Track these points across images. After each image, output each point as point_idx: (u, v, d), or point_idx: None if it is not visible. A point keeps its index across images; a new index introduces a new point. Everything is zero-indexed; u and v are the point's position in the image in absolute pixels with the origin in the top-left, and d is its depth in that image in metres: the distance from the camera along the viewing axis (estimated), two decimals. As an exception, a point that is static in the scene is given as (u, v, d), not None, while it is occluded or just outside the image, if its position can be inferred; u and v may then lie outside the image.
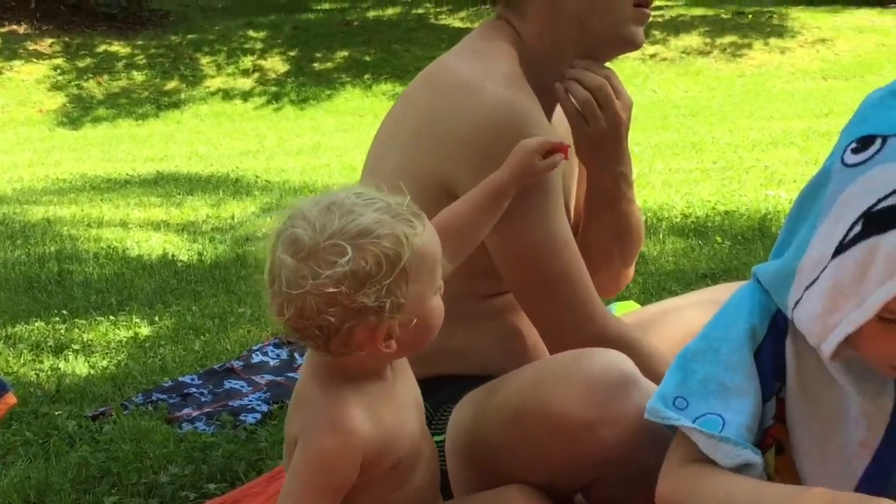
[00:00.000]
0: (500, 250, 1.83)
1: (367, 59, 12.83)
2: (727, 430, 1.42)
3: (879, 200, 1.30)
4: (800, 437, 1.48)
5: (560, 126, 2.02)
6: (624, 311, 2.67)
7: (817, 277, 1.36)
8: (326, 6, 15.54)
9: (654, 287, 3.66)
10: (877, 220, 1.29)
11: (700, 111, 10.00)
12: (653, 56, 12.30)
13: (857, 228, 1.31)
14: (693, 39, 12.79)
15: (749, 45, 12.56)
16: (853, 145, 1.36)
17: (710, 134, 8.06)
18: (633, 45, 1.92)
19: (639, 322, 2.19)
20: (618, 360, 1.67)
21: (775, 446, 1.49)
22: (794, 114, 9.23)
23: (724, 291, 2.11)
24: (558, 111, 2.00)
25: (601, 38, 1.89)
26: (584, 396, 1.63)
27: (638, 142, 7.85)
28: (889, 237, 1.28)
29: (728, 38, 12.78)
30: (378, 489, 1.56)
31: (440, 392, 1.89)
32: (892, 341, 1.34)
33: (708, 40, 12.74)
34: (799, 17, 13.32)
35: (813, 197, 1.40)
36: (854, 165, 1.34)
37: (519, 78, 1.82)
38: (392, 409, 1.55)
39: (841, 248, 1.33)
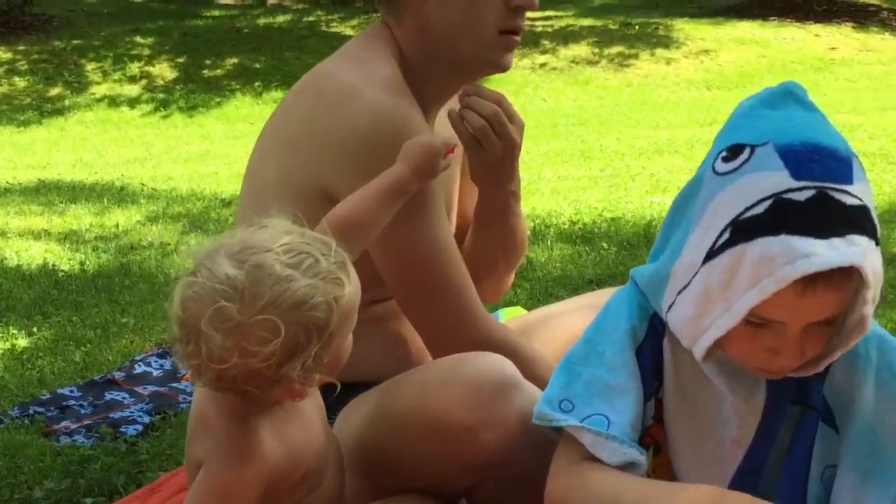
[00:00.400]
0: (382, 254, 1.82)
1: (258, 66, 12.69)
2: (613, 429, 1.44)
3: (747, 209, 1.33)
4: (676, 437, 1.51)
5: (442, 131, 2.02)
6: (510, 317, 2.69)
7: (689, 282, 1.39)
8: (216, 13, 15.34)
9: (542, 293, 3.68)
10: (744, 229, 1.32)
11: (588, 120, 10.14)
12: (542, 66, 12.44)
13: (726, 236, 1.34)
14: (582, 49, 12.97)
15: (636, 56, 12.78)
16: (723, 154, 1.39)
17: (598, 142, 8.17)
18: (499, 70, 1.93)
19: (523, 327, 2.21)
20: (499, 364, 1.68)
21: (653, 447, 1.52)
22: (678, 123, 9.42)
23: (604, 296, 2.14)
24: (441, 116, 2.00)
25: (467, 58, 1.89)
26: (466, 400, 1.64)
27: (528, 150, 7.92)
28: (754, 245, 1.31)
29: (616, 49, 12.99)
30: (286, 501, 1.54)
31: (325, 399, 1.87)
32: (759, 344, 1.38)
33: (596, 50, 12.93)
34: (683, 28, 13.61)
35: (686, 203, 1.43)
36: (724, 174, 1.37)
37: (399, 83, 1.82)
38: (299, 423, 1.53)
39: (711, 255, 1.35)
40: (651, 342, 1.49)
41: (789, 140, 1.35)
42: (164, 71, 12.61)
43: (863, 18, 14.09)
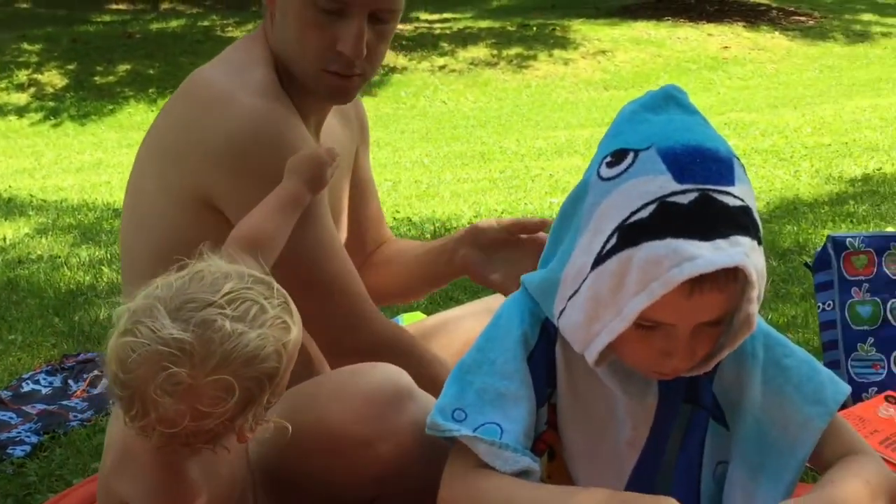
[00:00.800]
0: None
1: (151, 72, 12.47)
2: (506, 438, 1.44)
3: (632, 213, 1.34)
4: (572, 441, 1.51)
5: (332, 135, 1.98)
6: (410, 322, 2.67)
7: (579, 288, 1.39)
8: (107, 18, 15.02)
9: (442, 297, 3.66)
10: (630, 233, 1.33)
11: (488, 121, 10.17)
12: (442, 68, 12.45)
13: (613, 241, 1.34)
14: (480, 51, 13.02)
15: (534, 57, 12.88)
16: (608, 159, 1.40)
17: (497, 144, 8.20)
18: (335, 103, 1.91)
19: (421, 332, 2.20)
20: (393, 375, 1.67)
21: (547, 452, 1.52)
22: (577, 123, 9.51)
23: (500, 300, 2.14)
24: (332, 122, 1.97)
25: (303, 79, 1.84)
26: (360, 412, 1.62)
27: (427, 153, 7.91)
28: (641, 249, 1.32)
29: (514, 50, 13.07)
30: None
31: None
32: (649, 346, 1.39)
33: (495, 52, 12.99)
34: (580, 29, 13.76)
35: (573, 209, 1.43)
36: (609, 179, 1.38)
37: (274, 87, 1.79)
38: (224, 458, 1.48)
39: (599, 260, 1.36)
40: (543, 348, 1.50)
41: (671, 143, 1.36)
42: (53, 78, 12.30)
43: (753, 18, 14.42)
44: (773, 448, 1.47)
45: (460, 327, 2.18)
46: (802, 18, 14.68)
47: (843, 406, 1.86)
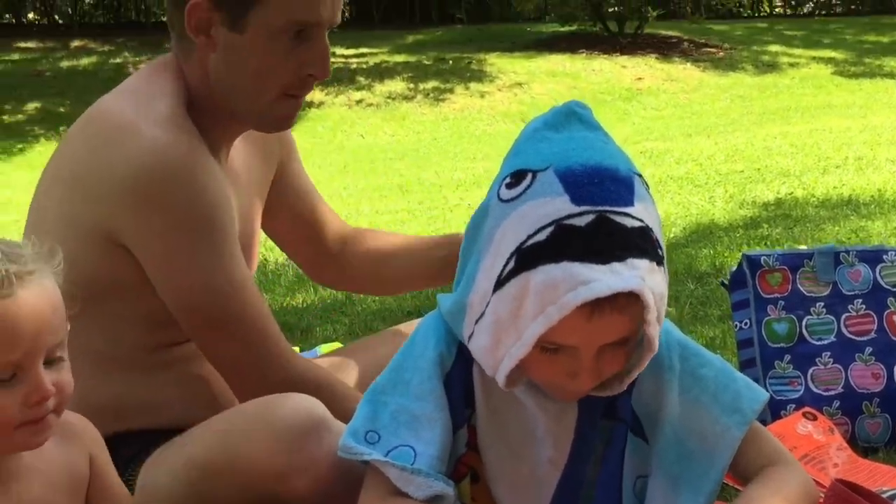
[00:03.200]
0: (173, 296, 1.75)
1: (62, 110, 12.24)
2: (419, 462, 1.40)
3: (529, 237, 1.32)
4: (493, 463, 1.48)
5: (238, 161, 1.94)
6: (326, 351, 2.63)
7: (483, 312, 1.37)
8: (15, 56, 14.74)
9: (361, 327, 3.61)
10: (527, 256, 1.32)
11: (406, 154, 10.17)
12: (359, 102, 12.44)
13: (511, 264, 1.33)
14: (397, 85, 13.05)
15: (451, 90, 12.94)
16: (507, 180, 1.38)
17: (416, 176, 8.19)
18: (274, 128, 1.88)
19: (335, 362, 2.18)
20: (306, 405, 1.62)
21: (470, 474, 1.49)
22: (496, 154, 9.52)
23: (412, 326, 2.11)
24: (238, 147, 1.93)
25: (245, 113, 1.82)
26: (273, 445, 1.57)
27: (346, 186, 7.88)
28: (537, 273, 1.30)
29: (431, 84, 13.12)
30: None
31: (126, 449, 1.77)
32: (557, 368, 1.37)
33: (411, 86, 13.03)
34: (496, 62, 13.87)
35: (476, 231, 1.41)
36: (508, 201, 1.36)
37: (179, 117, 1.74)
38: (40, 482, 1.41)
39: (499, 284, 1.34)
40: (460, 369, 1.47)
41: (569, 164, 1.34)
42: (-40, 117, 12.03)
43: (666, 50, 14.68)
44: (692, 459, 1.45)
45: (373, 352, 2.14)
46: (713, 50, 14.98)
47: (763, 422, 1.86)
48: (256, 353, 1.77)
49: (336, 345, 3.11)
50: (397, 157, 9.97)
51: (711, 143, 8.42)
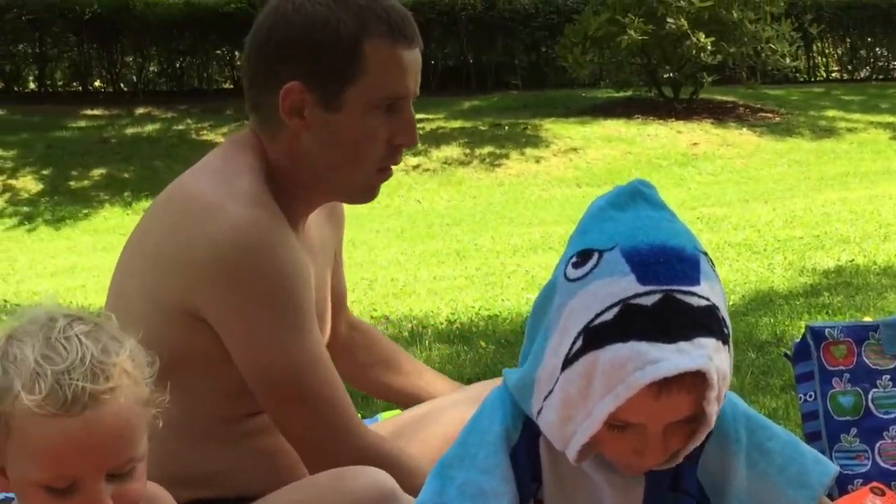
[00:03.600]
0: (251, 370, 1.78)
1: (127, 176, 12.51)
2: None
3: (597, 315, 1.33)
4: (560, 536, 1.48)
5: (313, 231, 1.98)
6: (388, 417, 2.63)
7: (552, 389, 1.39)
8: (82, 123, 15.11)
9: (421, 394, 3.62)
10: (595, 336, 1.33)
11: (463, 219, 10.23)
12: (416, 167, 12.56)
13: (579, 343, 1.34)
14: (453, 150, 13.16)
15: (506, 155, 13.02)
16: (574, 259, 1.40)
17: (473, 241, 8.23)
18: (367, 201, 1.94)
19: (400, 428, 2.18)
20: (377, 478, 1.66)
21: (537, 548, 1.49)
22: (551, 219, 9.57)
23: (481, 388, 2.13)
24: (313, 218, 1.97)
25: (338, 187, 1.89)
26: None
27: (403, 251, 7.93)
28: (605, 352, 1.32)
29: (486, 149, 13.22)
30: None
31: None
32: (624, 445, 1.38)
33: (467, 151, 13.13)
34: (551, 128, 13.95)
35: (543, 309, 1.43)
36: (575, 280, 1.38)
37: (261, 195, 1.79)
38: None
39: (567, 362, 1.36)
40: (527, 443, 1.48)
41: (635, 243, 1.36)
42: (28, 184, 12.32)
43: (721, 115, 14.68)
44: None
45: (440, 420, 2.15)
46: (769, 115, 14.95)
47: (830, 497, 1.84)
48: (330, 426, 1.79)
49: (397, 412, 3.12)
50: (454, 223, 10.03)
51: (769, 208, 8.38)
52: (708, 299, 1.34)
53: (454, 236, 8.88)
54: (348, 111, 1.80)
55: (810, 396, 2.43)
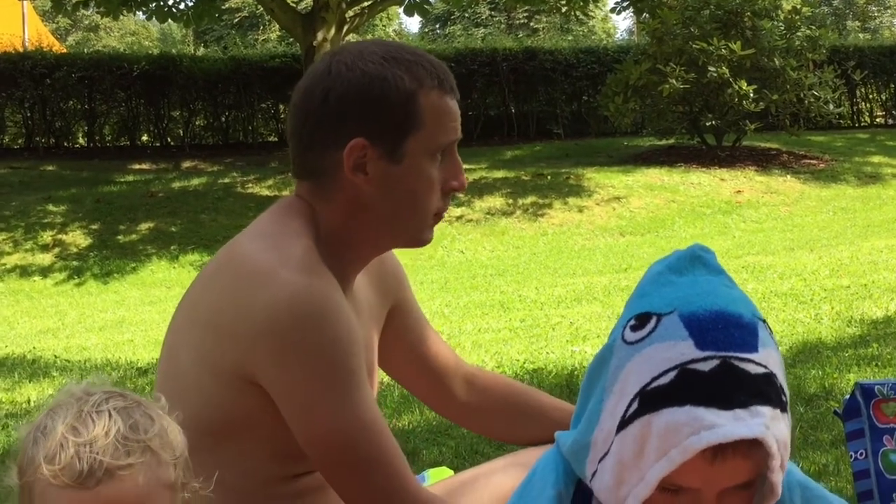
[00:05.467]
0: (305, 435, 1.79)
1: (174, 229, 12.67)
2: None
3: (653, 379, 1.35)
4: None
5: (360, 292, 2.01)
6: (438, 478, 2.64)
7: (608, 451, 1.40)
8: (130, 178, 15.35)
9: (467, 450, 3.64)
10: (651, 398, 1.34)
11: (506, 270, 10.24)
12: (459, 218, 12.62)
13: (635, 406, 1.35)
14: (496, 200, 13.22)
15: (549, 205, 13.05)
16: (632, 322, 1.41)
17: (516, 292, 8.23)
18: (422, 245, 1.98)
19: (450, 490, 2.17)
20: None
21: None
22: (595, 269, 9.56)
23: (530, 454, 2.13)
24: (359, 278, 2.00)
25: (399, 236, 1.94)
26: None
27: (447, 303, 7.95)
28: (661, 416, 1.33)
29: (529, 199, 13.26)
30: None
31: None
32: None
33: (510, 201, 13.18)
34: (594, 177, 13.97)
35: (599, 370, 1.44)
36: (632, 343, 1.39)
37: (314, 260, 1.81)
38: None
39: (622, 424, 1.37)
40: None
41: (694, 309, 1.37)
42: (77, 238, 12.51)
43: (765, 162, 14.64)
44: None
45: (490, 483, 2.15)
46: (813, 161, 14.88)
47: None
48: (385, 488, 1.80)
49: (444, 470, 3.12)
50: (497, 274, 10.04)
51: (815, 257, 8.32)
52: (766, 367, 1.35)
53: (498, 287, 8.89)
54: (409, 162, 1.86)
55: (861, 454, 2.41)
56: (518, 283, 9.11)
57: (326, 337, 1.74)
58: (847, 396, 2.50)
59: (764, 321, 1.40)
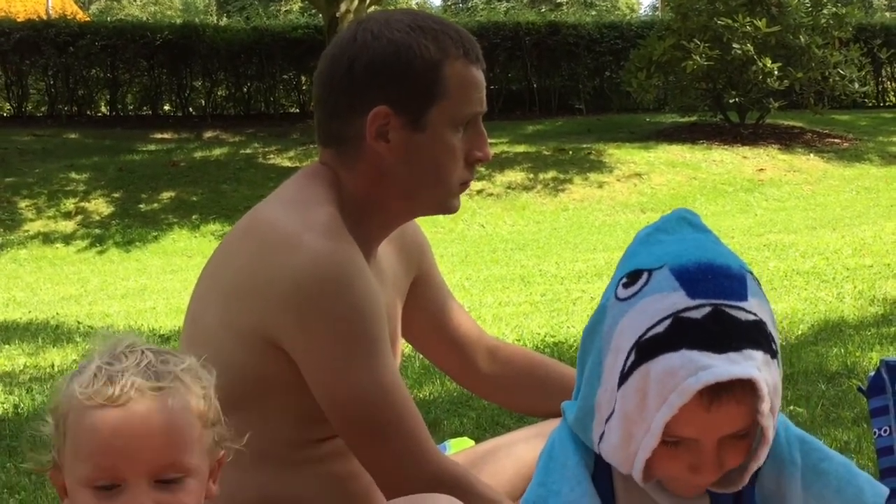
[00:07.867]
0: (328, 399, 1.81)
1: (195, 199, 12.71)
2: None
3: (648, 329, 1.39)
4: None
5: (384, 262, 2.02)
6: (459, 448, 2.66)
7: (613, 410, 1.42)
8: (152, 147, 15.40)
9: (488, 422, 3.65)
10: (647, 348, 1.38)
11: (527, 244, 10.24)
12: (479, 192, 12.61)
13: (632, 357, 1.39)
14: (517, 175, 13.20)
15: (570, 181, 13.03)
16: (623, 280, 1.45)
17: (537, 267, 8.24)
18: (449, 213, 1.99)
19: (472, 460, 2.19)
20: None
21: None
22: (615, 245, 9.54)
23: (552, 425, 2.14)
24: (383, 247, 2.01)
25: (424, 204, 1.95)
26: None
27: (468, 276, 7.96)
28: (657, 362, 1.37)
29: (550, 174, 13.24)
30: None
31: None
32: (679, 462, 1.42)
33: (531, 176, 13.16)
34: (615, 153, 13.92)
35: (593, 334, 1.48)
36: (625, 299, 1.43)
37: (338, 226, 1.83)
38: None
39: (622, 378, 1.40)
40: (600, 473, 1.51)
41: (683, 262, 1.42)
42: (99, 206, 12.58)
43: (788, 140, 14.55)
44: None
45: (511, 454, 2.17)
46: (837, 140, 14.79)
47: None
48: (405, 454, 1.82)
49: (465, 440, 3.14)
50: (518, 248, 10.04)
51: (837, 236, 8.28)
52: (756, 314, 1.39)
53: (518, 261, 8.89)
54: (432, 131, 1.86)
55: (885, 431, 2.40)
56: (538, 257, 9.11)
57: (349, 302, 1.76)
58: (871, 373, 2.50)
59: (751, 273, 1.44)
